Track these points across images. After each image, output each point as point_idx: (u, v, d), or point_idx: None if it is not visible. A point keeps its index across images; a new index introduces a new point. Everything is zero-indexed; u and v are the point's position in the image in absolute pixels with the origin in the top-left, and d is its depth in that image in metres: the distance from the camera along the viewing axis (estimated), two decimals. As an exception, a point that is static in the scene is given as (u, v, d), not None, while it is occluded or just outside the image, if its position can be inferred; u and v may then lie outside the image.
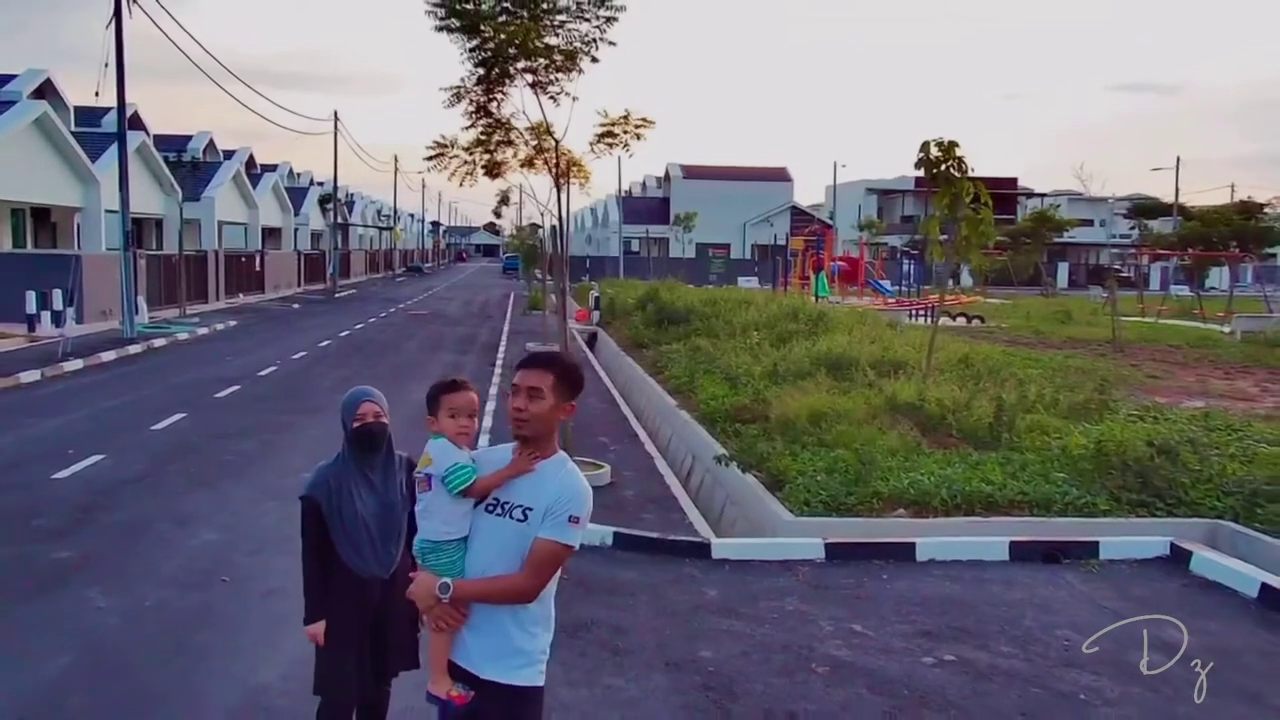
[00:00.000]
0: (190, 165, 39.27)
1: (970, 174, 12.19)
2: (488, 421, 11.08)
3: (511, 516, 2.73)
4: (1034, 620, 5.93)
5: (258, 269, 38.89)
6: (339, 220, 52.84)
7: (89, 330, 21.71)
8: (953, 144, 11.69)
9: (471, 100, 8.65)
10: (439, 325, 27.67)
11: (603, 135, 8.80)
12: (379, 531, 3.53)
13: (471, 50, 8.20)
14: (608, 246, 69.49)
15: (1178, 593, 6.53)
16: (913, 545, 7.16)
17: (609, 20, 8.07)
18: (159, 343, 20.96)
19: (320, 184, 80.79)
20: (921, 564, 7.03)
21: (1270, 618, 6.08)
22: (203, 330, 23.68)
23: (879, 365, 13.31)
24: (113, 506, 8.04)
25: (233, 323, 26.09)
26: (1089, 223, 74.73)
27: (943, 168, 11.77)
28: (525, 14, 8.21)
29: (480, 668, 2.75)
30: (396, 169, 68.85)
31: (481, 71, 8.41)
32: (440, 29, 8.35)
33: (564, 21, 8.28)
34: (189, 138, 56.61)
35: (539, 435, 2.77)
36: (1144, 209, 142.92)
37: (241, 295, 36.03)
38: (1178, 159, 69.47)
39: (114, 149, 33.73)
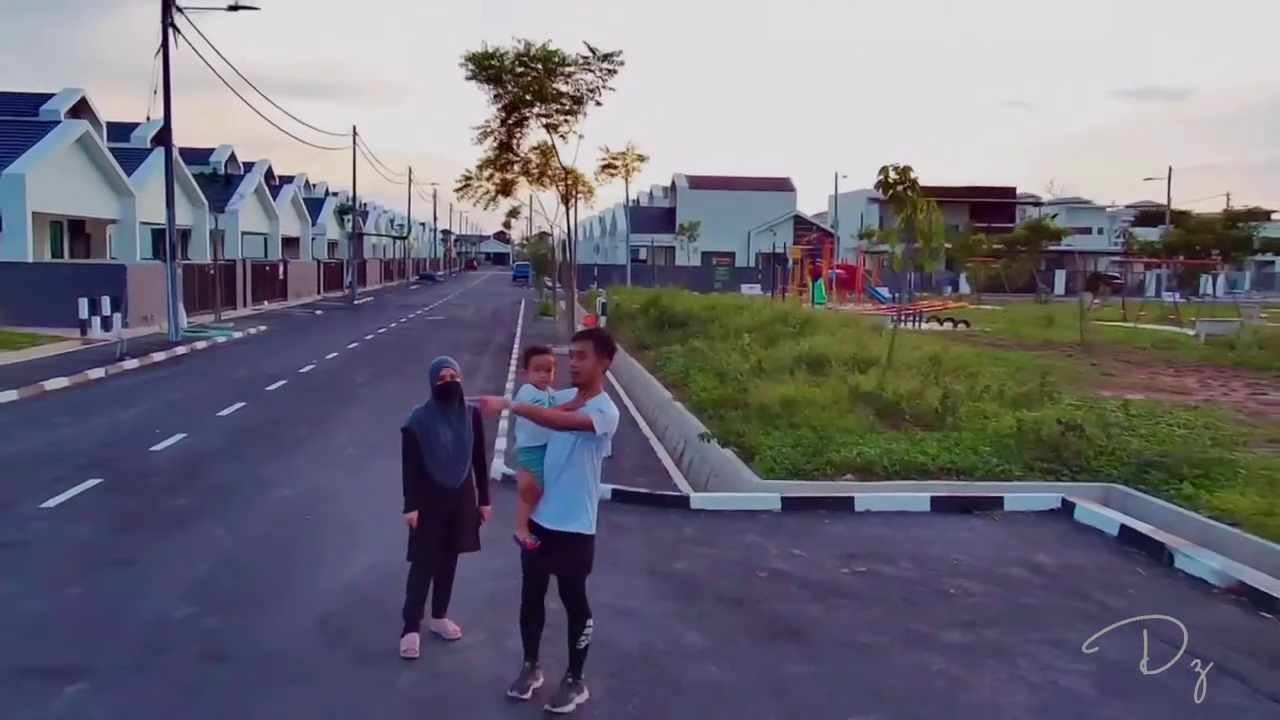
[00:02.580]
0: (221, 180, 41.19)
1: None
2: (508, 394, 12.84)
3: (559, 440, 4.61)
4: (936, 550, 7.65)
5: (281, 277, 40.81)
6: (355, 226, 54.74)
7: (135, 334, 23.53)
8: (907, 169, 13.41)
9: (495, 138, 10.46)
10: (456, 330, 29.46)
11: (605, 166, 10.60)
12: (454, 455, 5.30)
13: (495, 97, 10.02)
14: (615, 255, 71.35)
15: (1057, 534, 8.25)
16: (852, 499, 8.89)
17: (611, 72, 9.87)
18: (200, 345, 22.82)
19: (335, 194, 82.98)
20: (859, 514, 8.75)
21: (1121, 549, 7.79)
22: (238, 334, 25.52)
23: (851, 362, 15.05)
24: (205, 472, 9.84)
25: (263, 328, 27.93)
26: (1087, 230, 76.17)
27: (899, 189, 13.50)
28: (540, 67, 10.01)
29: (557, 524, 4.62)
30: (410, 181, 70.82)
31: (504, 115, 10.23)
32: (469, 79, 10.16)
33: (572, 73, 10.07)
34: (211, 150, 58.69)
35: (587, 382, 4.64)
36: (1148, 216, 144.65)
37: (267, 302, 37.92)
38: (1169, 169, 70.28)
39: (146, 164, 35.81)
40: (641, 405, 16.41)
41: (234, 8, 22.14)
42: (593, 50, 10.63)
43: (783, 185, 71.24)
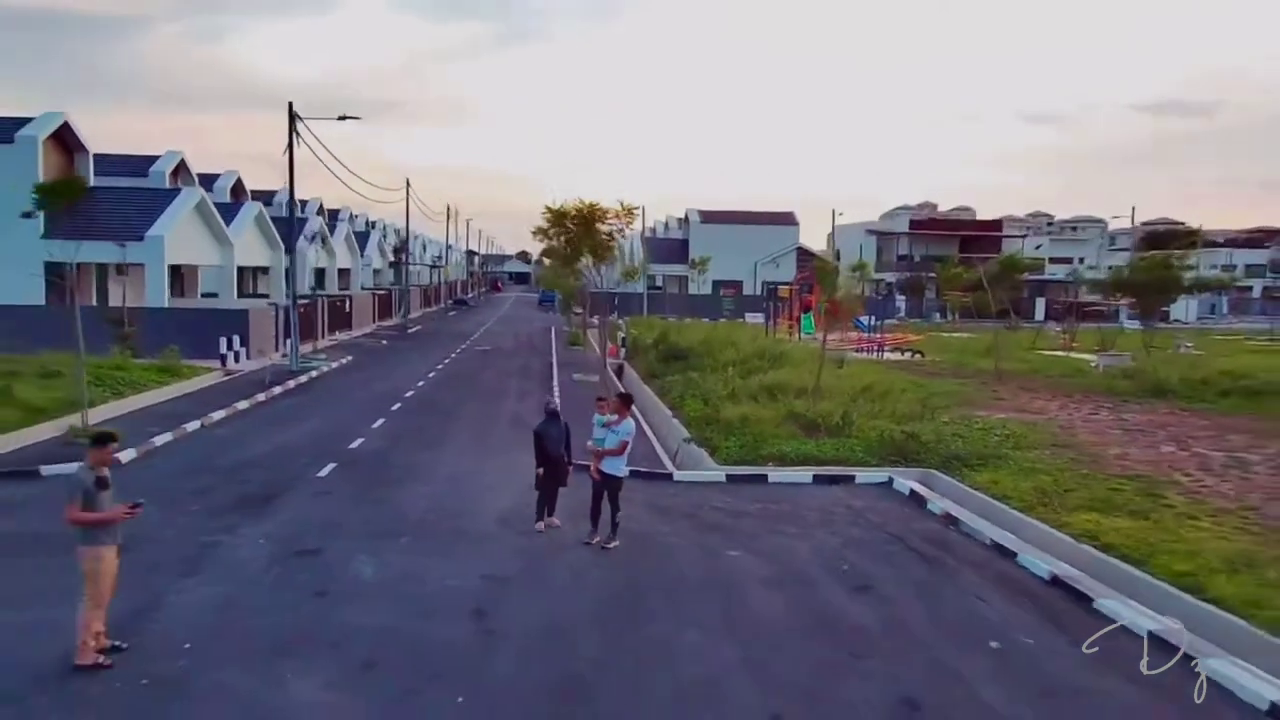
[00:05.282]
0: (299, 223, 48.13)
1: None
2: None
3: (614, 434, 11.25)
4: (803, 500, 14.16)
5: (347, 310, 47.67)
6: (405, 263, 61.71)
7: (259, 365, 30.31)
8: (833, 259, 19.95)
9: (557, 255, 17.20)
10: (502, 360, 36.11)
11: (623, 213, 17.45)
12: (555, 440, 11.88)
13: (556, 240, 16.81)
14: (633, 283, 77.98)
15: (875, 495, 14.73)
16: (766, 475, 15.43)
17: (628, 224, 16.62)
18: (313, 374, 29.54)
19: (373, 224, 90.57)
20: (771, 484, 15.24)
21: (906, 501, 14.26)
22: (334, 364, 32.25)
23: (796, 390, 21.55)
24: (391, 459, 16.46)
25: (349, 358, 34.68)
26: (1069, 260, 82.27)
27: (829, 270, 20.03)
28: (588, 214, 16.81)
29: (609, 470, 11.28)
30: (449, 218, 77.73)
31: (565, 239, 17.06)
32: (536, 234, 16.94)
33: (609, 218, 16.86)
34: (274, 193, 66.14)
35: (618, 418, 11.31)
36: (1155, 237, 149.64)
37: (337, 333, 44.71)
38: (1134, 211, 76.34)
39: (239, 218, 42.71)
40: (651, 420, 22.93)
41: (342, 118, 28.91)
42: (623, 204, 18.09)
43: (787, 219, 77.81)
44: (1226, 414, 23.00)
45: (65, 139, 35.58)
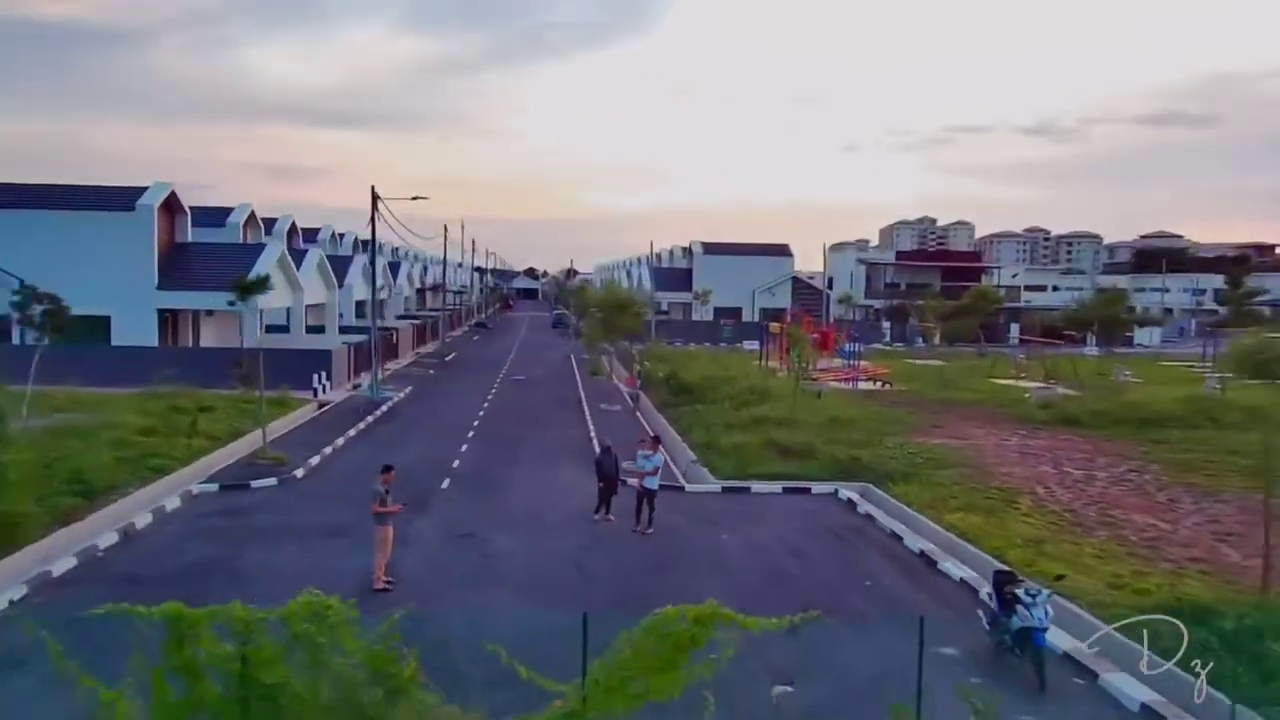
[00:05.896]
0: (345, 261, 55.00)
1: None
2: (592, 436, 26.13)
3: (650, 462, 18.06)
4: (772, 504, 20.91)
5: (394, 341, 54.45)
6: (444, 294, 68.46)
7: (341, 396, 37.05)
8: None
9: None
10: (539, 391, 42.64)
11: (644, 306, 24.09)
12: (609, 466, 18.70)
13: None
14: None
15: (823, 501, 21.47)
16: (749, 487, 22.21)
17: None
18: (390, 403, 36.24)
19: (396, 250, 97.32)
20: (752, 494, 21.98)
21: (844, 505, 21.03)
22: (400, 394, 38.93)
23: (777, 421, 28.25)
24: (484, 476, 23.16)
25: (410, 387, 41.40)
26: (1043, 289, 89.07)
27: (789, 324, 26.79)
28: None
29: (649, 485, 18.12)
30: (474, 251, 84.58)
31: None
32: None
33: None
34: (318, 230, 73.19)
35: (653, 449, 18.22)
36: (1147, 255, 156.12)
37: (388, 363, 51.43)
38: (1098, 251, 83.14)
39: (306, 264, 49.50)
40: (666, 443, 29.62)
41: (414, 198, 35.67)
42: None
43: (782, 251, 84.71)
44: (1111, 439, 29.65)
45: (170, 204, 42.45)
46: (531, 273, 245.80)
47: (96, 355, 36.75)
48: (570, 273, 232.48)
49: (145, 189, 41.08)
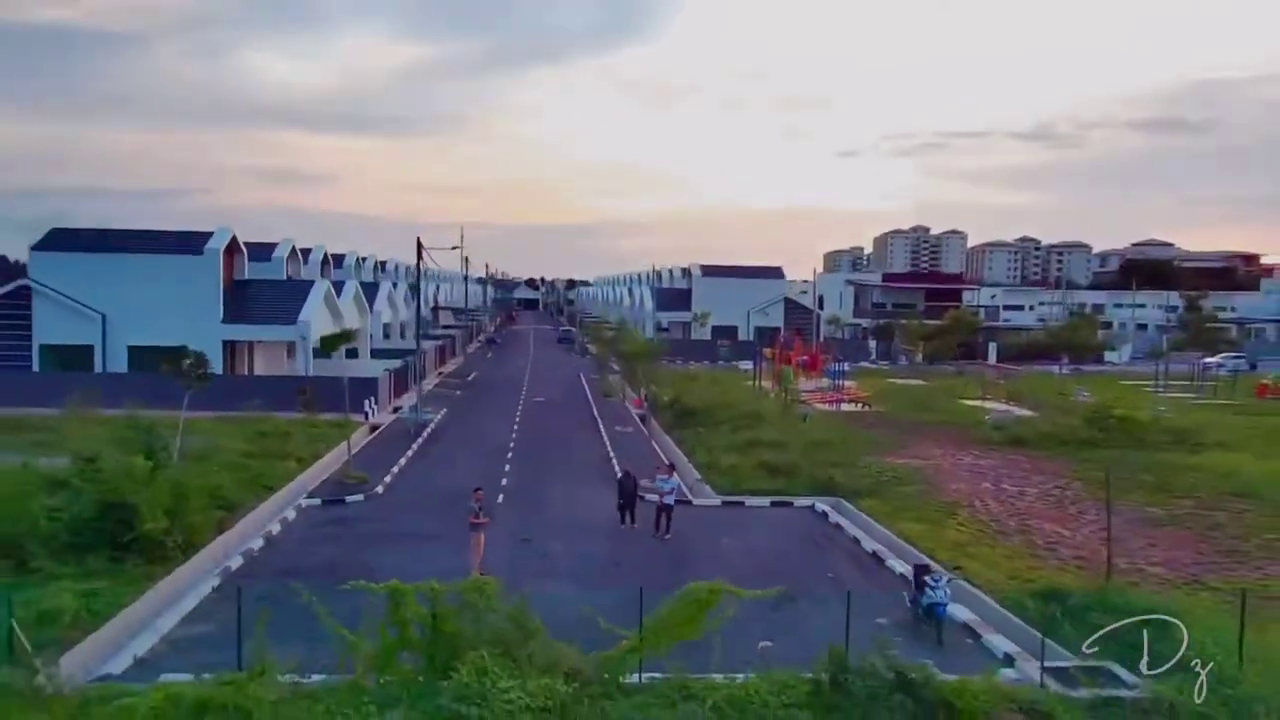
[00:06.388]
0: (372, 288, 60.45)
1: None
2: (611, 456, 31.48)
3: (667, 484, 23.60)
4: (764, 516, 26.33)
5: (421, 364, 59.76)
6: (472, 320, 73.87)
7: (387, 418, 42.35)
8: (793, 343, 32.19)
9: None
10: (559, 413, 47.81)
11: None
12: (629, 486, 24.17)
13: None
14: (643, 329, 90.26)
15: (804, 513, 26.89)
16: (744, 501, 27.64)
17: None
18: (432, 425, 41.53)
19: (408, 269, 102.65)
20: (746, 507, 27.39)
21: (817, 516, 26.45)
22: (438, 415, 44.19)
23: (770, 442, 33.63)
24: (529, 492, 28.44)
25: (445, 409, 46.69)
26: (1020, 308, 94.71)
27: (780, 350, 32.22)
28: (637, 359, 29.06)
29: (667, 501, 23.66)
30: (488, 278, 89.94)
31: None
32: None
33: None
34: (343, 256, 78.52)
35: (669, 473, 23.69)
36: (1136, 268, 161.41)
37: (415, 384, 56.68)
38: (1089, 260, 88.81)
39: (344, 293, 54.87)
40: (674, 462, 35.03)
41: (453, 248, 40.90)
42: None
43: (775, 273, 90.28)
44: (1051, 459, 35.05)
45: (231, 246, 47.81)
46: (532, 283, 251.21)
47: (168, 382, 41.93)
48: (571, 284, 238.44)
49: (211, 234, 46.45)
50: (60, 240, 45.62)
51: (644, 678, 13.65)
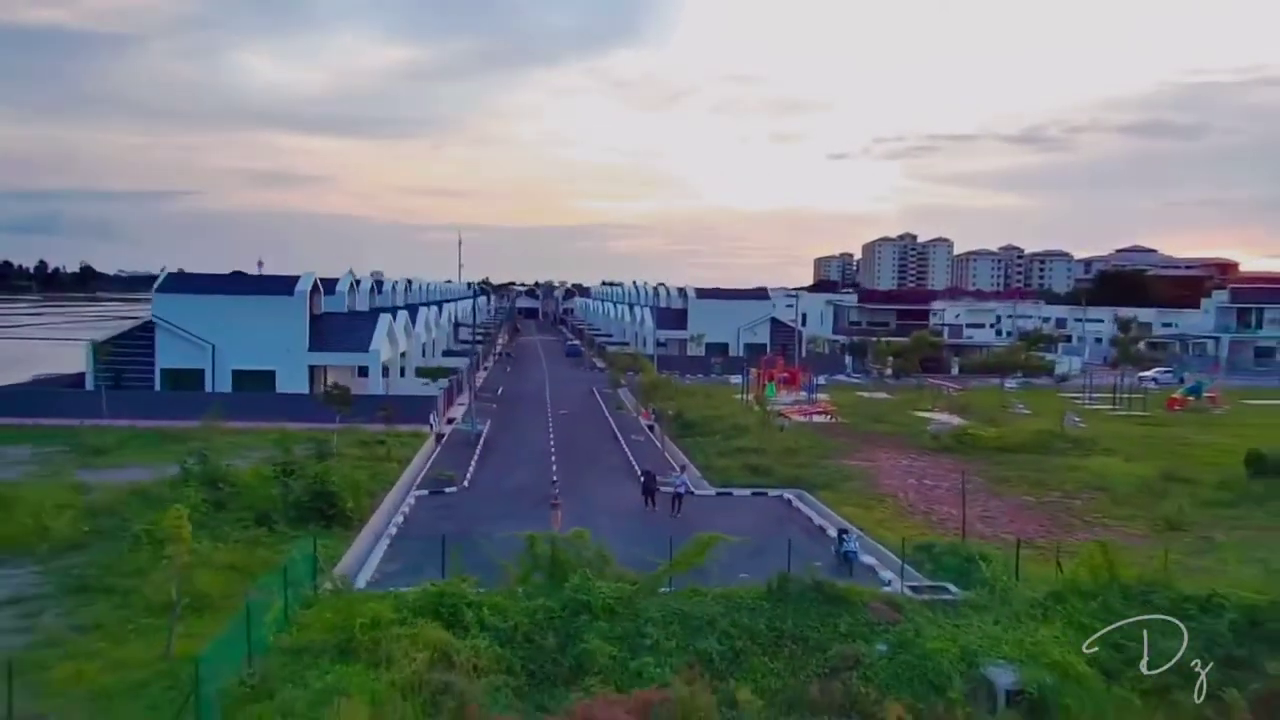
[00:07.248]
0: (414, 310, 70.79)
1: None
2: (631, 460, 41.77)
3: (679, 480, 34.18)
4: (746, 503, 36.71)
5: (461, 380, 70.00)
6: (496, 341, 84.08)
7: (447, 430, 52.52)
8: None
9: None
10: (581, 425, 57.93)
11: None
12: (649, 482, 34.57)
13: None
14: (644, 344, 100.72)
15: (776, 501, 37.28)
16: (731, 492, 38.07)
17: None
18: (482, 435, 51.68)
19: (422, 286, 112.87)
20: (734, 497, 37.76)
21: (785, 504, 36.90)
22: (483, 427, 54.33)
23: (753, 448, 44.02)
24: (574, 491, 38.79)
25: (488, 421, 56.87)
26: (980, 326, 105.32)
27: (764, 368, 42.67)
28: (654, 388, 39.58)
29: (681, 490, 34.16)
30: (493, 291, 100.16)
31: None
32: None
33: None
34: (381, 280, 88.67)
35: (680, 473, 34.12)
36: (1110, 278, 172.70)
37: (461, 398, 66.91)
38: (1070, 267, 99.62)
39: (399, 318, 65.09)
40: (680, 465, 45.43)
41: (483, 283, 50.44)
42: None
43: (762, 295, 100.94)
44: (970, 461, 45.48)
45: (314, 286, 58.02)
46: (533, 293, 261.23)
47: (266, 400, 52.18)
48: (570, 293, 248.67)
49: (299, 278, 56.73)
50: (176, 284, 55.93)
51: (673, 588, 23.96)
